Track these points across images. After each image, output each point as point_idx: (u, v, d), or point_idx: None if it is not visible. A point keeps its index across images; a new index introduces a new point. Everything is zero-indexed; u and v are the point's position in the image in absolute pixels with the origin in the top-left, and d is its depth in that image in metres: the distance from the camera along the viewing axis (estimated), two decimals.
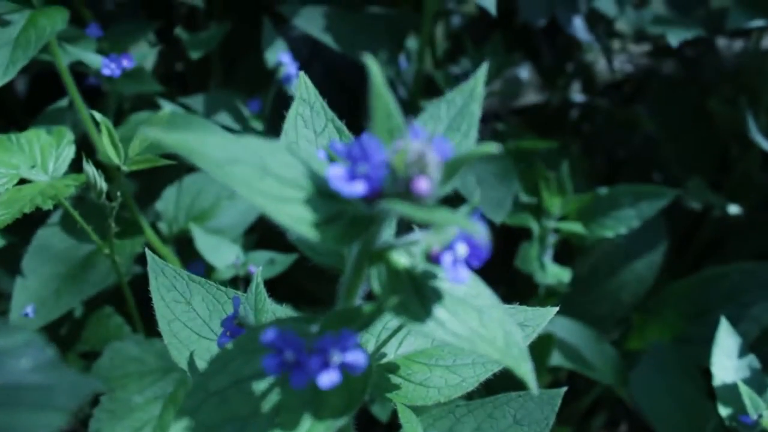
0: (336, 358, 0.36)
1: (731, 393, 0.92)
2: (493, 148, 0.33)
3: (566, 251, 1.35)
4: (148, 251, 0.61)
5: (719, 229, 1.48)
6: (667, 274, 1.46)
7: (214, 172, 0.32)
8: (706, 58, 1.57)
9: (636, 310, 1.28)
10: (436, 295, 0.37)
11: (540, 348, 1.12)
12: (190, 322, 0.59)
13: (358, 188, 0.33)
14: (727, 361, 0.96)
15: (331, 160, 0.38)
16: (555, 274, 1.18)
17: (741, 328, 1.19)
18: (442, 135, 0.38)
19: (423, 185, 0.32)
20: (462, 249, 0.35)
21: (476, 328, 0.37)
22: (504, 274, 1.36)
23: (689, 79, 1.51)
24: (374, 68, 0.34)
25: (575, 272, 1.30)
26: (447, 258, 0.35)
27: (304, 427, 0.39)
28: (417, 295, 0.37)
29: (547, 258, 1.24)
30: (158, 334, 0.98)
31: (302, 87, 0.48)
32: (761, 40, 1.48)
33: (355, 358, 0.36)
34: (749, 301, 1.22)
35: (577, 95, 1.57)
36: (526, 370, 0.38)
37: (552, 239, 1.23)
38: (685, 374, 1.11)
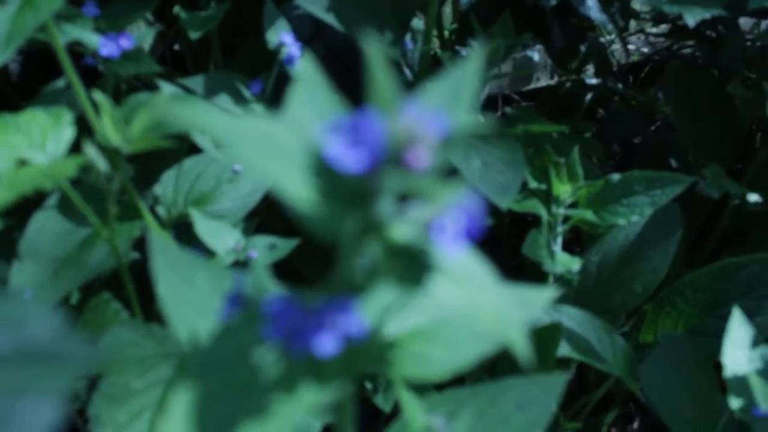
0: (334, 325, 0.39)
1: (742, 384, 0.95)
2: (490, 124, 0.37)
3: (577, 239, 1.39)
4: (148, 231, 0.65)
5: (739, 218, 1.51)
6: (684, 265, 1.49)
7: (224, 142, 0.36)
8: (728, 39, 1.59)
9: (649, 301, 1.31)
10: (432, 267, 0.40)
11: (547, 338, 1.15)
12: (193, 301, 0.62)
13: (355, 161, 0.36)
14: (738, 351, 0.99)
15: (330, 134, 0.42)
16: (564, 263, 1.21)
17: (758, 321, 1.23)
18: (439, 110, 0.42)
19: (418, 158, 0.36)
20: (456, 221, 0.38)
21: (471, 299, 0.41)
22: (512, 262, 1.40)
23: (709, 61, 1.53)
24: (371, 44, 0.38)
25: (586, 261, 1.34)
26: (442, 229, 0.38)
27: (304, 395, 0.42)
28: (413, 266, 0.40)
29: (557, 246, 1.27)
30: (157, 320, 1.02)
31: (304, 64, 0.51)
32: None
33: (352, 325, 0.40)
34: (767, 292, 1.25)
35: (590, 78, 1.60)
36: (520, 342, 0.41)
37: (561, 227, 1.27)
38: (699, 367, 1.14)
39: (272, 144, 0.38)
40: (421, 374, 0.52)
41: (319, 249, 1.14)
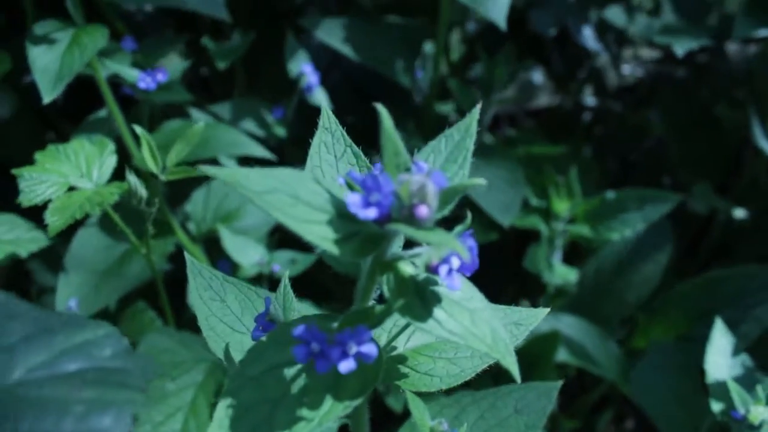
0: (353, 349, 0.45)
1: (723, 390, 1.00)
2: (482, 181, 0.42)
3: (575, 253, 1.44)
4: (186, 255, 0.71)
5: (728, 233, 1.55)
6: (677, 277, 1.53)
7: (255, 201, 0.42)
8: (716, 63, 1.63)
9: (641, 310, 1.36)
10: (435, 299, 0.46)
11: (547, 344, 1.20)
12: (225, 318, 0.68)
13: (371, 213, 0.42)
14: (720, 359, 1.04)
15: (350, 186, 0.47)
16: (562, 274, 1.27)
17: (743, 329, 1.28)
18: (440, 167, 0.47)
19: (423, 211, 0.42)
20: (455, 262, 0.44)
21: (468, 326, 0.46)
22: (515, 273, 1.44)
23: (699, 84, 1.58)
24: (385, 114, 0.43)
25: (583, 273, 1.38)
26: (443, 269, 0.44)
27: (326, 407, 0.48)
28: (419, 299, 0.46)
29: (556, 259, 1.32)
30: (188, 327, 1.08)
31: (325, 117, 0.57)
32: None
33: (369, 349, 0.45)
34: (752, 302, 1.29)
35: (589, 99, 1.64)
36: (510, 361, 0.47)
37: (561, 241, 1.32)
38: (686, 372, 1.19)
39: (299, 197, 0.44)
40: (428, 386, 0.58)
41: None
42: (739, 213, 1.40)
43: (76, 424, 0.38)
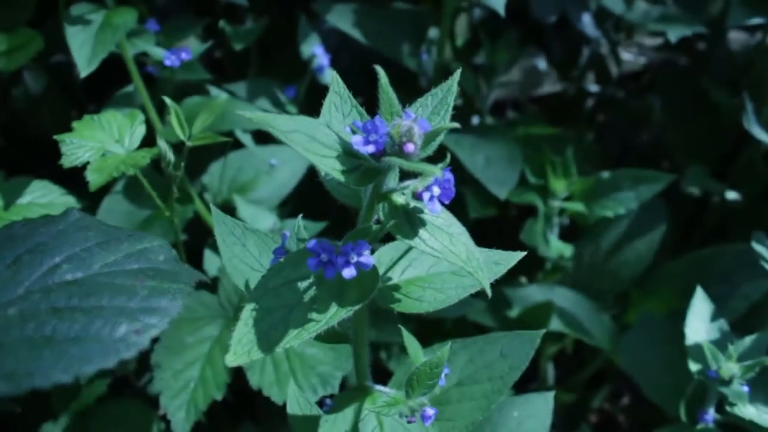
0: (354, 258, 0.60)
1: (701, 351, 1.14)
2: (455, 124, 0.57)
3: (574, 231, 1.58)
4: (212, 206, 0.86)
5: (723, 215, 1.69)
6: (673, 256, 1.67)
7: (282, 138, 0.57)
8: (716, 51, 1.77)
9: (635, 287, 1.50)
10: (421, 222, 0.61)
11: (540, 314, 1.35)
12: (245, 259, 0.83)
13: (370, 148, 0.57)
14: (699, 324, 1.18)
15: (354, 132, 0.62)
16: (558, 249, 1.41)
17: (731, 304, 1.41)
18: (426, 117, 0.62)
19: (410, 147, 0.56)
20: (436, 190, 0.59)
21: (447, 245, 0.61)
22: (513, 248, 1.59)
23: (699, 71, 1.71)
24: (382, 72, 0.58)
25: (580, 250, 1.53)
26: (426, 195, 0.59)
27: (331, 311, 0.63)
28: (408, 222, 0.61)
29: (553, 235, 1.46)
30: (204, 287, 1.22)
31: (334, 82, 0.72)
32: None
33: (367, 259, 0.60)
34: (739, 279, 1.42)
35: (591, 85, 1.79)
36: (481, 276, 0.61)
37: (558, 219, 1.46)
38: (672, 342, 1.32)
39: (315, 137, 0.59)
40: (417, 308, 0.72)
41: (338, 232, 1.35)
42: (732, 195, 1.53)
43: (141, 302, 0.54)
